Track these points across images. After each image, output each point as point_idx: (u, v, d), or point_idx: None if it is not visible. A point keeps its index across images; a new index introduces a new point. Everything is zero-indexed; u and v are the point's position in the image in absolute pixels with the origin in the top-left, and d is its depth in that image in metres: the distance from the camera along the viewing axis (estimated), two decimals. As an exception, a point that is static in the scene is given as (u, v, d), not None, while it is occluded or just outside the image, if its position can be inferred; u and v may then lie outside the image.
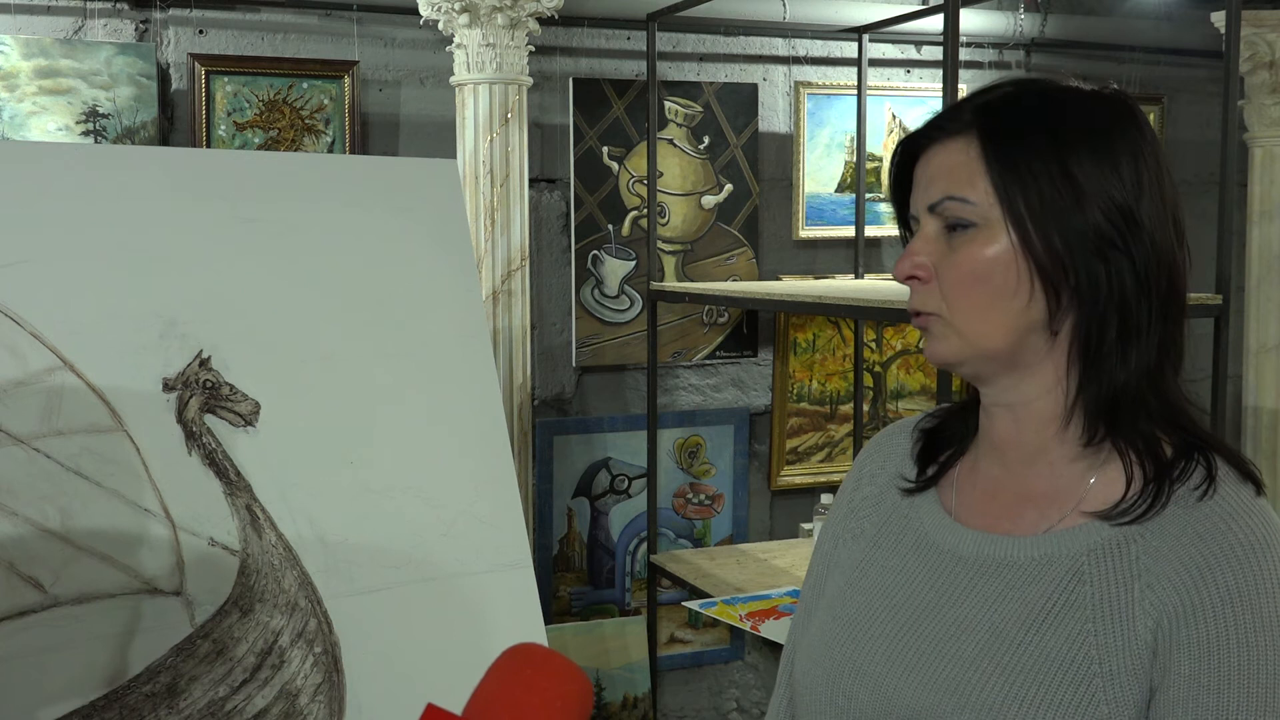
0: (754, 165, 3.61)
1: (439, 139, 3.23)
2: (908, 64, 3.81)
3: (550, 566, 3.49)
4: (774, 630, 2.70)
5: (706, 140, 3.55)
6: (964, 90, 2.90)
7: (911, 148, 1.11)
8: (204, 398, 1.90)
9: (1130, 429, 1.05)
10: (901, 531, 1.17)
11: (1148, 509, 1.02)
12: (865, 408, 3.78)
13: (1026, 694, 1.00)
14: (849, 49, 3.70)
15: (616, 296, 3.50)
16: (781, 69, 3.66)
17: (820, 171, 3.70)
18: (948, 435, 1.19)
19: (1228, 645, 0.97)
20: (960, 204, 1.05)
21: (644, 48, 3.38)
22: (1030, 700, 1.00)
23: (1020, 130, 1.04)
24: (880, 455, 1.26)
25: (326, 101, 3.14)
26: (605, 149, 3.45)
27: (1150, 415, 1.05)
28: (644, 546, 3.57)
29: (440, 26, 3.00)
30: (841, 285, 3.34)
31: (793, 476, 3.75)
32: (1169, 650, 0.98)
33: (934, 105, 3.60)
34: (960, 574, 1.10)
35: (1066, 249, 1.02)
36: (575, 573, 3.55)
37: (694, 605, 2.96)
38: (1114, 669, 0.99)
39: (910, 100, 3.76)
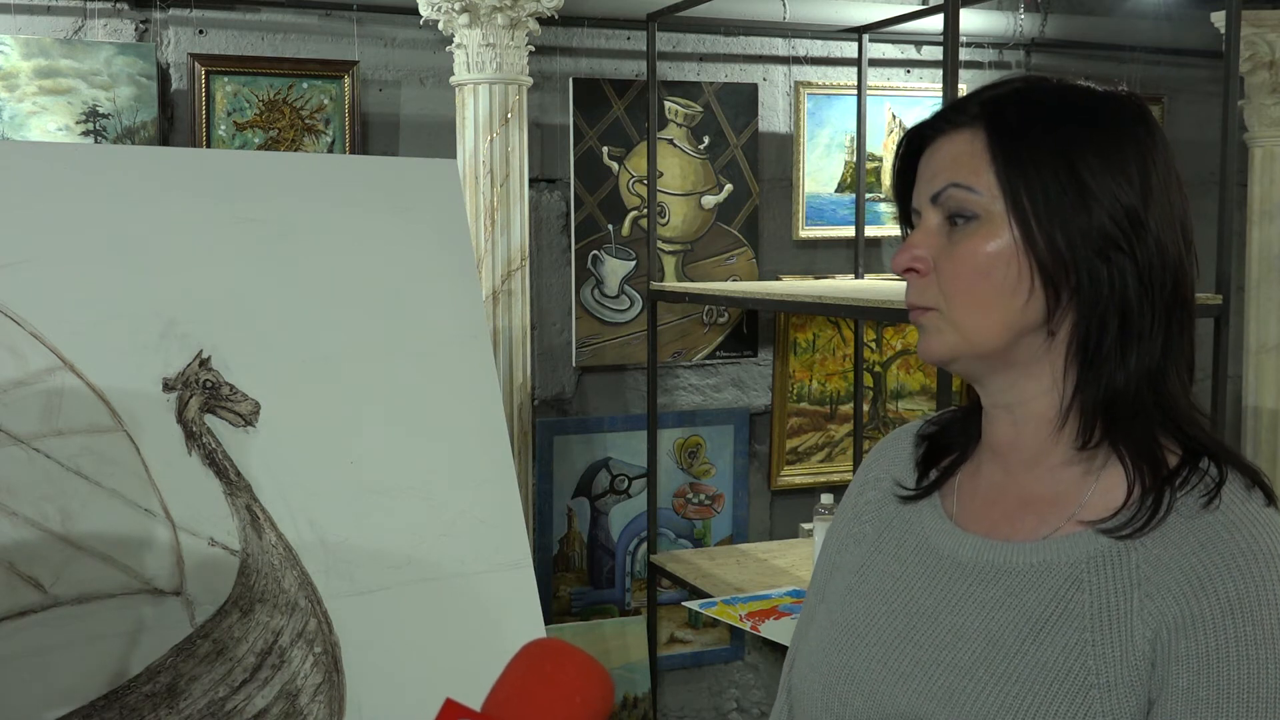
0: (754, 165, 3.61)
1: (439, 139, 3.23)
2: (908, 64, 3.81)
3: (550, 566, 3.49)
4: (774, 630, 2.70)
5: (706, 140, 3.55)
6: (964, 90, 2.90)
7: (917, 141, 1.09)
8: (204, 398, 1.90)
9: (1128, 433, 1.02)
10: (902, 536, 1.15)
11: (1145, 524, 0.99)
12: (865, 408, 3.78)
13: (1022, 704, 0.98)
14: (849, 49, 3.70)
15: (616, 296, 3.50)
16: (781, 69, 3.66)
17: (820, 171, 3.70)
18: (950, 441, 1.17)
19: (1227, 658, 0.94)
20: (965, 192, 1.03)
21: (644, 48, 3.38)
22: (1026, 711, 0.98)
23: (1028, 125, 1.02)
24: (884, 460, 1.23)
25: (326, 101, 3.14)
26: (605, 149, 3.44)
27: (1150, 420, 1.02)
28: (644, 546, 3.57)
29: (440, 26, 3.00)
30: (841, 285, 3.34)
31: (793, 476, 3.75)
32: (1167, 662, 0.96)
33: (934, 105, 3.59)
34: (959, 580, 1.07)
35: (1069, 248, 1.00)
36: (575, 573, 3.55)
37: (694, 605, 2.95)
38: (1111, 680, 0.97)
39: (910, 100, 3.76)
